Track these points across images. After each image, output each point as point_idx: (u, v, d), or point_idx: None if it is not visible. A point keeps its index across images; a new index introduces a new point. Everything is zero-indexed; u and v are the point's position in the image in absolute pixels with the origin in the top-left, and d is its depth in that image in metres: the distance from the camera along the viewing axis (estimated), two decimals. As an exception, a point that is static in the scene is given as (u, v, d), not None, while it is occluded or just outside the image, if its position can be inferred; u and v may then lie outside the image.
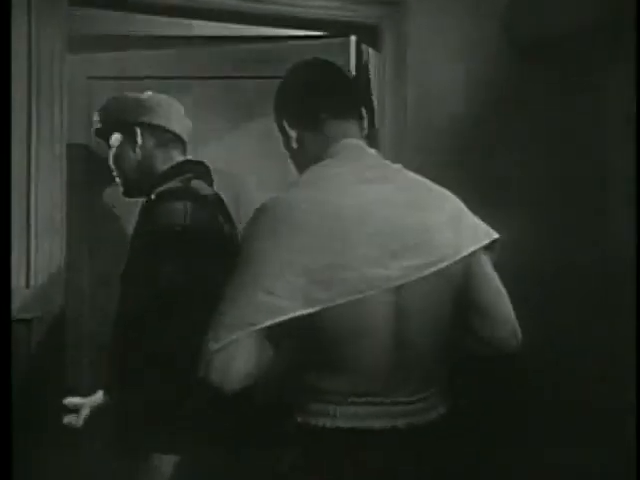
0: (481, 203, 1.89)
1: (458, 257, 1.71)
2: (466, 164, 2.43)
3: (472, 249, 1.74)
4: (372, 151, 1.84)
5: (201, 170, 2.27)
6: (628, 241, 1.96)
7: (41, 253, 2.23)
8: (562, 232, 2.18)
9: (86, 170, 2.88)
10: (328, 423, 1.65)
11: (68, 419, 2.09)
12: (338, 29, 2.71)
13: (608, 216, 2.08)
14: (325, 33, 2.81)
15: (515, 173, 2.33)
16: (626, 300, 1.96)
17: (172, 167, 2.25)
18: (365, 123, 1.88)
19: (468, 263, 1.76)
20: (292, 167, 1.90)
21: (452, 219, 1.75)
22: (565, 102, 2.20)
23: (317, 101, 1.82)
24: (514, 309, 1.92)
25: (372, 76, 2.68)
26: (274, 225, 1.64)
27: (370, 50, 2.71)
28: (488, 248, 1.81)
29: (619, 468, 1.97)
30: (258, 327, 1.58)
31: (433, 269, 1.67)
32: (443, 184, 1.80)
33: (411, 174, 1.81)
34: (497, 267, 1.95)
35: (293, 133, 1.82)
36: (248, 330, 1.57)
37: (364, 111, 1.89)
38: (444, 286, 1.73)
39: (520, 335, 1.81)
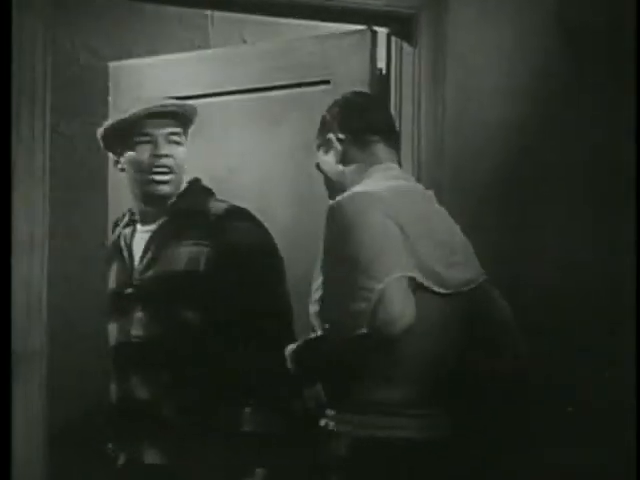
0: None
1: (480, 280, 1.82)
2: (507, 174, 2.27)
3: (482, 280, 1.83)
4: (411, 178, 1.93)
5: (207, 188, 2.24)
6: (628, 241, 1.96)
7: (18, 275, 1.93)
8: (562, 232, 2.18)
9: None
10: (379, 433, 1.67)
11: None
12: (366, 20, 2.38)
13: (608, 216, 2.08)
14: (340, 30, 2.47)
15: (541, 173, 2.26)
16: (626, 301, 1.96)
17: (189, 185, 2.21)
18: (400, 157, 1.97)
19: (482, 288, 1.82)
20: (325, 182, 1.92)
21: (467, 246, 1.83)
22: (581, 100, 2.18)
23: (372, 123, 1.89)
24: (514, 309, 1.94)
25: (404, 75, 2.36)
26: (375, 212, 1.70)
27: (404, 45, 2.36)
28: None
29: (619, 468, 1.98)
30: (412, 274, 1.65)
31: (473, 286, 1.79)
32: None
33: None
34: (498, 267, 1.96)
35: (339, 147, 1.86)
36: (405, 272, 1.63)
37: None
38: (467, 303, 1.79)
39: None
